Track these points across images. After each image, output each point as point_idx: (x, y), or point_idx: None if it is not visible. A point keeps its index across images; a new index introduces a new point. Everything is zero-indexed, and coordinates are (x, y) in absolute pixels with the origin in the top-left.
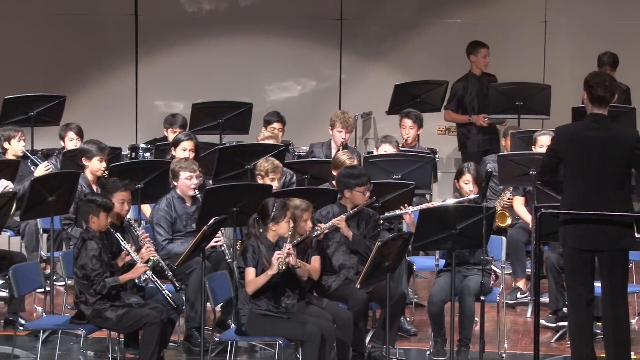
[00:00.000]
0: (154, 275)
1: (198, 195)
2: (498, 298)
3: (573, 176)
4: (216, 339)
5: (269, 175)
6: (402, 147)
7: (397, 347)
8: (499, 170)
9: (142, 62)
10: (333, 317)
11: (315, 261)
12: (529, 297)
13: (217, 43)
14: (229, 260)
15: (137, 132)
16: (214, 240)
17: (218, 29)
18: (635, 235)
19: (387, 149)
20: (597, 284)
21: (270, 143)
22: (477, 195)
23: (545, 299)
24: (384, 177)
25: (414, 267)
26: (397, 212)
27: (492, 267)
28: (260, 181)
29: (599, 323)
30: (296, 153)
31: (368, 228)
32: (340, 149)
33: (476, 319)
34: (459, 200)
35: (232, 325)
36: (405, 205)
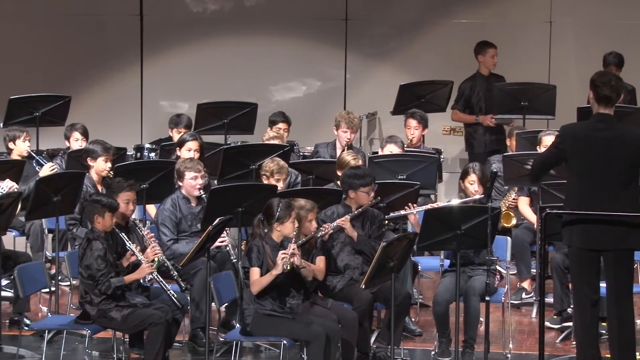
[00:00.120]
0: (159, 276)
1: (203, 196)
2: (503, 298)
3: (579, 176)
4: (221, 339)
5: (275, 176)
6: (407, 147)
7: (402, 347)
8: (504, 171)
9: (147, 62)
10: (338, 317)
11: (320, 261)
12: (534, 298)
13: (222, 43)
14: (234, 261)
15: (142, 132)
16: (219, 240)
17: (223, 29)
18: None
19: (392, 149)
20: (603, 285)
21: (276, 143)
22: (482, 196)
23: (550, 300)
24: (389, 177)
25: (419, 267)
26: (402, 212)
27: (497, 267)
28: (265, 182)
29: (604, 323)
30: (301, 153)
31: (373, 228)
32: (345, 149)
33: (481, 319)
34: (464, 200)
35: (237, 325)
36: (410, 205)
